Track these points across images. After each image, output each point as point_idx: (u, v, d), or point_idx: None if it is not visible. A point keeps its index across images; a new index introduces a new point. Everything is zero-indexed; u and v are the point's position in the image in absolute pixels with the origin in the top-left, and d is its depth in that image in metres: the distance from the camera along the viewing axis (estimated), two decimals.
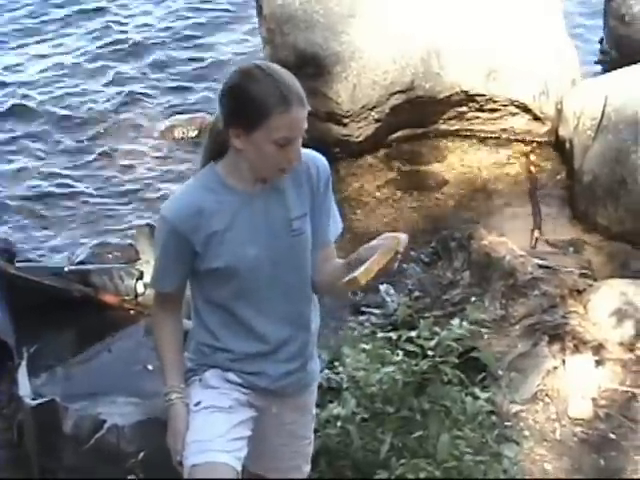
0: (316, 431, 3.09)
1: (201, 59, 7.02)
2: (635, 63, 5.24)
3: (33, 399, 3.32)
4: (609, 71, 5.52)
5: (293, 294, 2.37)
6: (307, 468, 2.65)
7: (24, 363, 3.56)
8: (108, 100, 6.41)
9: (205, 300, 2.37)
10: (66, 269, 4.41)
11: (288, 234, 2.31)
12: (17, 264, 4.39)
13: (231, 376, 2.37)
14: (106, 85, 6.63)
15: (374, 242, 2.25)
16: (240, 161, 2.25)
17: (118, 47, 7.17)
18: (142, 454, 3.09)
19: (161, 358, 2.42)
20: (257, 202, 2.29)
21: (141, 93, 6.54)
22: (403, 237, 2.24)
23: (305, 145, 2.29)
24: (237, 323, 2.35)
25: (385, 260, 2.23)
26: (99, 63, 6.94)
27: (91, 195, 5.39)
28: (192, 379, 2.41)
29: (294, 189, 2.32)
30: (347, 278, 2.22)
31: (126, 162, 5.70)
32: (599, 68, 6.42)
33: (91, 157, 5.78)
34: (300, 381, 2.46)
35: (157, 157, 5.78)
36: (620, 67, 5.36)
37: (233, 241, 2.27)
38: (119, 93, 6.50)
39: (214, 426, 2.32)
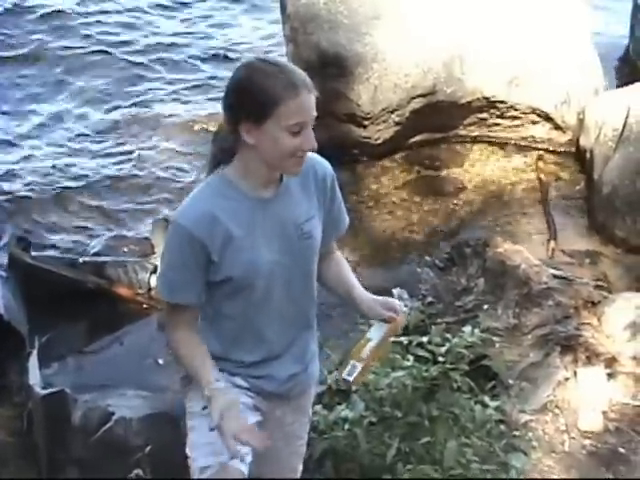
0: (323, 432, 3.09)
1: (222, 56, 7.04)
2: None
3: (43, 388, 3.33)
4: (633, 82, 5.48)
5: (301, 297, 2.36)
6: (300, 467, 2.65)
7: (35, 352, 3.58)
8: (127, 96, 6.44)
9: (215, 312, 2.32)
10: (81, 260, 4.43)
11: (299, 238, 2.29)
12: (33, 254, 4.41)
13: (238, 380, 2.35)
14: (126, 81, 6.67)
15: (382, 302, 2.36)
16: (250, 162, 2.22)
17: (139, 44, 7.20)
18: (149, 448, 3.10)
19: (192, 367, 2.25)
20: (270, 207, 2.26)
21: (161, 89, 6.57)
22: (402, 321, 2.37)
23: (324, 146, 2.29)
24: (247, 332, 2.32)
25: (381, 352, 2.31)
26: (119, 60, 6.97)
27: (108, 187, 5.40)
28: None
29: (303, 192, 2.31)
30: (343, 377, 2.28)
31: (144, 156, 5.71)
32: (622, 78, 6.38)
33: (109, 150, 5.80)
34: (303, 382, 2.45)
35: (175, 152, 5.79)
36: None
37: (249, 248, 2.23)
38: (139, 89, 6.53)
39: None
